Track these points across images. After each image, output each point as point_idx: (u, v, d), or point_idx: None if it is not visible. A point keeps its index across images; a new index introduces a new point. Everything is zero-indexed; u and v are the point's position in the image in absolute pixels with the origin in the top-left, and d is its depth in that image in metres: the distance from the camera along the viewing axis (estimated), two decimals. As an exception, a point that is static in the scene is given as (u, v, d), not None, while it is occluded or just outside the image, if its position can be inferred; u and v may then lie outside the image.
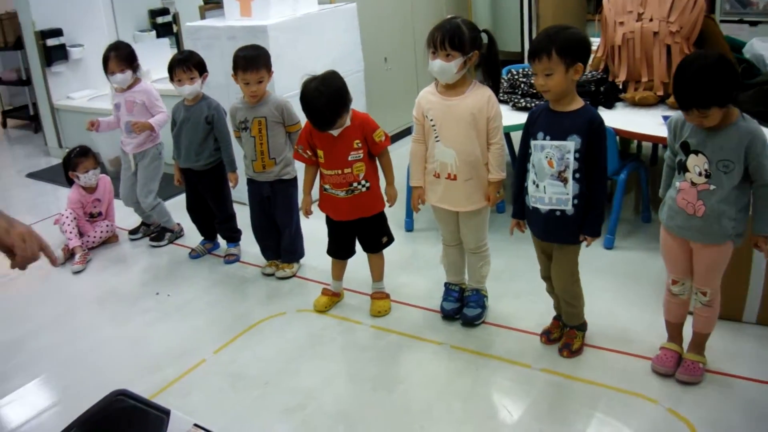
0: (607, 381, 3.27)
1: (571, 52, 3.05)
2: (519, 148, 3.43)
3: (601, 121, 3.17)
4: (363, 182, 3.81)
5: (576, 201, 3.20)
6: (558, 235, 3.33)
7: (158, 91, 5.08)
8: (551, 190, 3.23)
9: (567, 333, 3.53)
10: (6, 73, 9.25)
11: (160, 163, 5.16)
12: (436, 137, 3.55)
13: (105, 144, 6.51)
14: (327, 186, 3.88)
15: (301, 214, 4.21)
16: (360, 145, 3.75)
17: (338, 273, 4.17)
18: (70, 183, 5.31)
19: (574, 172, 3.16)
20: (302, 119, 4.06)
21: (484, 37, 3.48)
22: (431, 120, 3.55)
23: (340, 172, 3.79)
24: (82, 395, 2.99)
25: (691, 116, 2.87)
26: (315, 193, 4.02)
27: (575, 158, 3.15)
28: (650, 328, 3.54)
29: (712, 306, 3.16)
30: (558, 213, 3.24)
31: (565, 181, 3.18)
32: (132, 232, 5.49)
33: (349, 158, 3.76)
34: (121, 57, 4.90)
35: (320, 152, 3.83)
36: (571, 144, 3.14)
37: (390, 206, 3.94)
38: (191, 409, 3.30)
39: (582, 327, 3.53)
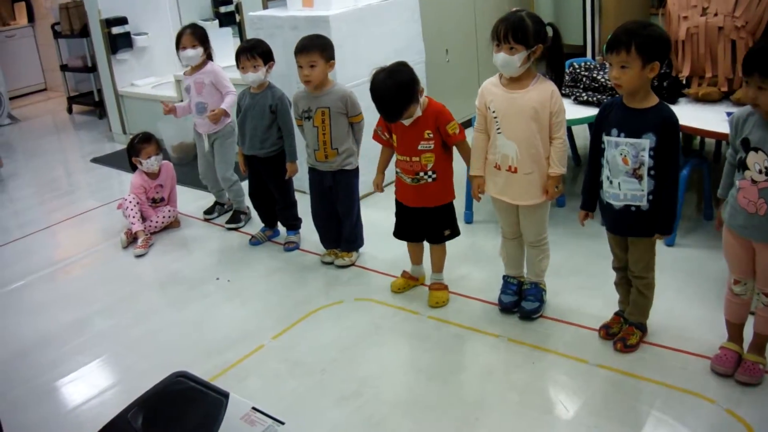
0: (665, 379, 3.24)
1: (650, 49, 3.03)
2: (591, 142, 3.42)
3: (676, 120, 3.15)
4: (430, 173, 3.82)
5: (651, 197, 3.19)
6: (632, 230, 3.32)
7: (233, 80, 5.16)
8: (626, 187, 3.22)
9: (625, 329, 3.51)
10: (72, 60, 9.43)
11: (234, 140, 5.23)
12: (498, 129, 3.54)
13: (169, 131, 6.63)
14: (398, 170, 3.93)
15: (362, 203, 4.23)
16: (431, 135, 3.76)
17: (414, 257, 4.20)
18: (133, 169, 5.41)
19: (649, 169, 3.15)
20: (366, 110, 4.12)
21: (550, 31, 3.46)
22: (493, 112, 3.54)
23: (408, 159, 3.82)
24: (143, 376, 3.06)
25: (751, 87, 2.81)
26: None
27: (650, 156, 3.14)
28: (710, 327, 3.49)
29: (774, 307, 3.12)
30: (633, 209, 3.24)
31: (639, 178, 3.18)
32: (207, 212, 5.58)
33: (419, 147, 3.77)
34: (194, 34, 5.09)
35: (394, 136, 3.88)
36: (646, 142, 3.13)
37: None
38: (248, 394, 3.33)
39: (642, 327, 3.51)
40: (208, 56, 5.22)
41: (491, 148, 3.63)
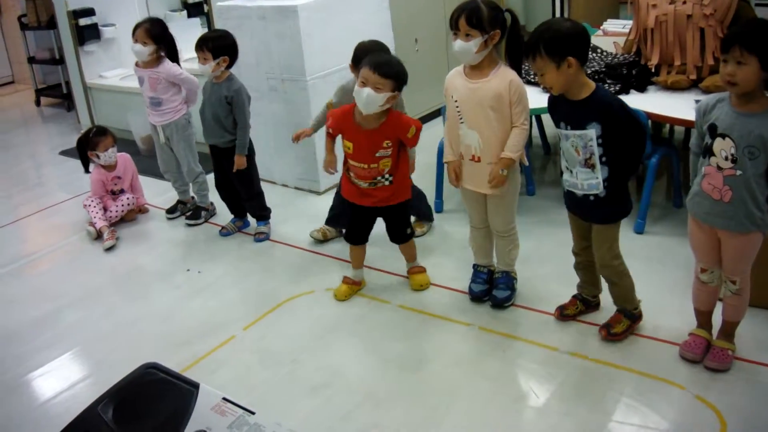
0: (635, 366, 3.27)
1: (557, 49, 3.03)
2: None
3: (618, 104, 3.14)
4: (387, 176, 3.79)
5: (607, 183, 3.18)
6: (594, 216, 3.32)
7: (191, 71, 5.10)
8: (582, 177, 3.22)
9: (614, 315, 3.49)
10: (40, 52, 9.32)
11: (191, 132, 5.17)
12: (461, 119, 3.54)
13: (139, 122, 6.57)
14: (352, 174, 3.87)
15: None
16: (390, 144, 3.72)
17: (357, 262, 4.14)
18: (86, 165, 5.34)
19: (600, 156, 3.14)
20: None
21: (509, 18, 3.44)
22: (456, 101, 3.54)
23: (366, 166, 3.76)
24: (114, 368, 3.03)
25: (729, 64, 2.77)
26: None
27: (599, 144, 3.13)
28: (679, 314, 3.51)
29: (742, 294, 3.14)
30: (592, 198, 3.23)
31: (592, 167, 3.17)
32: (169, 211, 5.48)
33: (377, 155, 3.73)
34: (150, 31, 4.94)
35: (349, 144, 3.79)
36: (592, 132, 3.11)
37: None
38: (220, 385, 3.29)
39: (630, 314, 3.47)
40: (164, 54, 5.04)
41: (454, 138, 3.63)
